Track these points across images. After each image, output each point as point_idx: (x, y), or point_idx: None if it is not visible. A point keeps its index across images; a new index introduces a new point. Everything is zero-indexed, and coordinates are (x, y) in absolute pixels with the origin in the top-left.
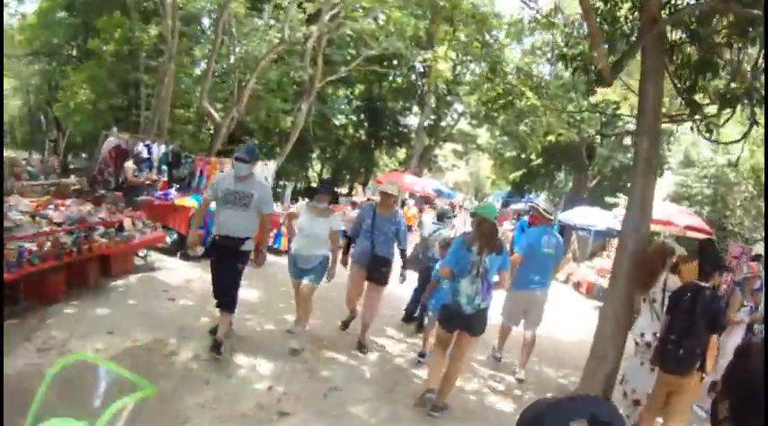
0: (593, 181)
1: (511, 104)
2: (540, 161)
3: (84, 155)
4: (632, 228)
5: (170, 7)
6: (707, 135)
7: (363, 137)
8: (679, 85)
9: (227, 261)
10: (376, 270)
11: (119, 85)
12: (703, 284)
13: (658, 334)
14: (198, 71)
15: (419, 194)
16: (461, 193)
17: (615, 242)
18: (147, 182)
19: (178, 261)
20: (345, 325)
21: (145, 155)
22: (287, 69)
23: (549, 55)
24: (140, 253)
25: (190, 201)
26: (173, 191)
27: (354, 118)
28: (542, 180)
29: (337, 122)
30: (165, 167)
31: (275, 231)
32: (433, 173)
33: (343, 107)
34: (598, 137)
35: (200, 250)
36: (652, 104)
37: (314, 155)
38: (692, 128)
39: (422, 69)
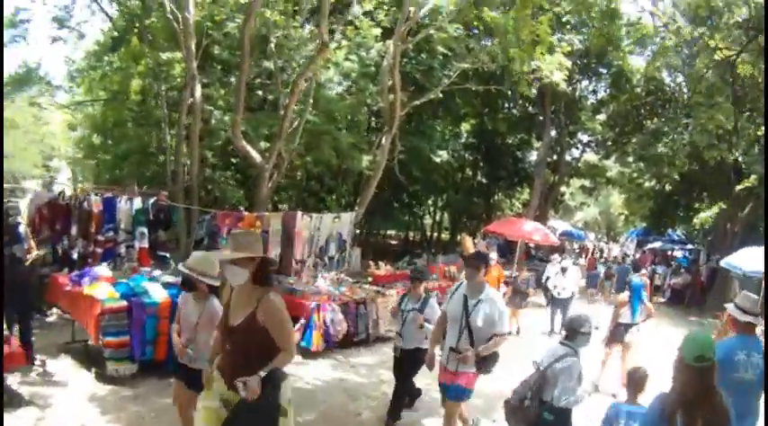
0: (744, 210)
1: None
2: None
3: None
4: None
5: (187, 21)
6: None
7: (479, 178)
8: None
9: None
10: None
11: (144, 127)
12: None
13: None
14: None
15: (542, 243)
16: (592, 233)
17: None
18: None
19: (87, 384)
20: None
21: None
22: (362, 97)
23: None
24: None
25: (102, 291)
26: (95, 271)
27: (470, 157)
28: (682, 211)
29: (438, 159)
30: (143, 229)
31: (303, 322)
32: (561, 215)
33: (446, 142)
34: (744, 156)
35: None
36: None
37: (429, 202)
38: None
39: (536, 91)
